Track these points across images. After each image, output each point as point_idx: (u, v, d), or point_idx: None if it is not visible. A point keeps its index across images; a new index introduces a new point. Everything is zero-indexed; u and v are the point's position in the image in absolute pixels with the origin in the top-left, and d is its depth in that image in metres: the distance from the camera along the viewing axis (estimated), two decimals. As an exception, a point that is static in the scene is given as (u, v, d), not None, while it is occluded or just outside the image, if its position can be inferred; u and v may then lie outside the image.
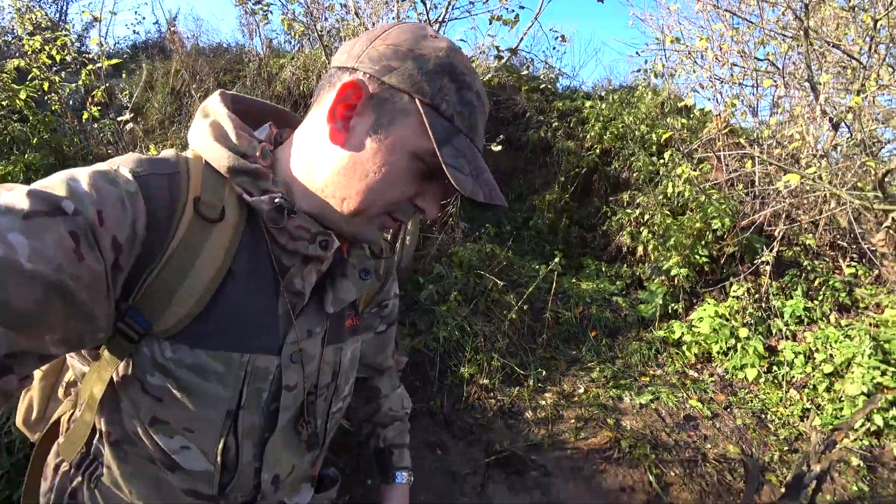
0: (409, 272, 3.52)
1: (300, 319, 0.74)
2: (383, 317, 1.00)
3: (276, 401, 0.75)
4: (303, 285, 0.72)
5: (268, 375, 0.72)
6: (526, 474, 2.52)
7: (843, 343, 3.65)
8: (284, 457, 0.82)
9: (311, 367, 0.79)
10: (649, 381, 3.31)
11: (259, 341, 0.69)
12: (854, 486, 2.96)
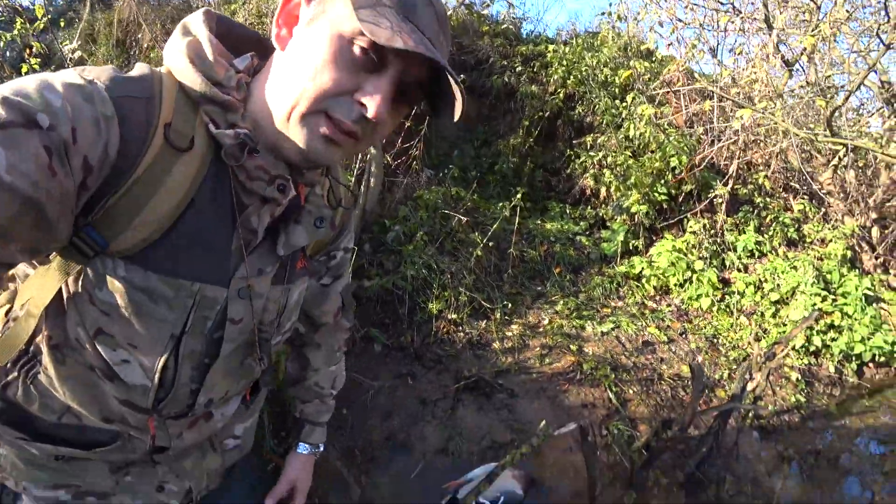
0: (374, 215, 3.54)
1: (252, 257, 0.76)
2: (330, 268, 1.00)
3: (221, 330, 0.77)
4: (258, 224, 0.73)
5: (215, 305, 0.74)
6: (493, 397, 2.66)
7: (790, 273, 3.90)
8: (222, 383, 0.86)
9: (258, 304, 0.81)
10: (611, 312, 3.48)
11: (211, 272, 0.71)
12: (792, 397, 3.22)
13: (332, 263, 0.99)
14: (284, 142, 0.67)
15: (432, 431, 2.46)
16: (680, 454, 2.60)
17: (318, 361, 1.16)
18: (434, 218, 3.54)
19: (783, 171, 4.87)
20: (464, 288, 3.14)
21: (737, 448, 2.68)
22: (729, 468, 2.59)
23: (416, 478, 2.26)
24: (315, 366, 1.16)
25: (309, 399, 1.19)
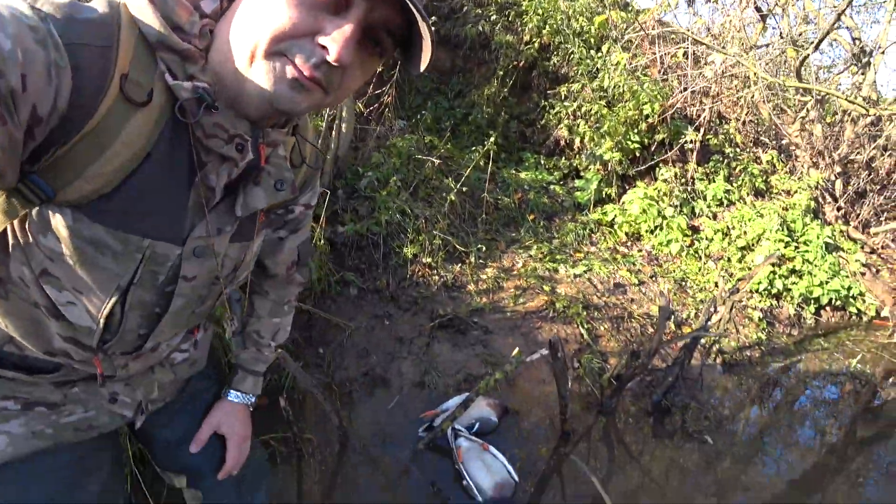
0: (347, 162, 3.49)
1: (210, 216, 0.74)
2: (287, 221, 0.98)
3: (173, 285, 0.78)
4: (216, 182, 0.72)
5: (166, 262, 0.73)
6: (468, 333, 2.71)
7: (756, 221, 4.02)
8: (172, 329, 0.88)
9: (214, 263, 0.81)
10: (583, 257, 3.54)
11: (163, 229, 0.70)
12: (754, 335, 3.37)
13: (289, 217, 0.97)
14: (247, 89, 0.64)
15: (409, 367, 2.51)
16: (648, 385, 2.71)
17: (262, 310, 1.15)
18: (407, 165, 3.51)
19: (753, 124, 4.97)
20: (438, 231, 3.15)
21: (701, 379, 2.80)
22: (693, 397, 2.71)
23: (394, 410, 2.31)
24: (259, 314, 1.16)
25: (246, 346, 1.17)
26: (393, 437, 2.15)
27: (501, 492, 1.92)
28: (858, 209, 5.05)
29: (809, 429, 2.80)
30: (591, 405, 2.51)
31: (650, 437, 2.41)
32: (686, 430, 2.48)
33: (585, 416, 2.45)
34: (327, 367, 2.45)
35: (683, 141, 3.93)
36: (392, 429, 2.20)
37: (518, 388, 2.54)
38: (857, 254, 4.38)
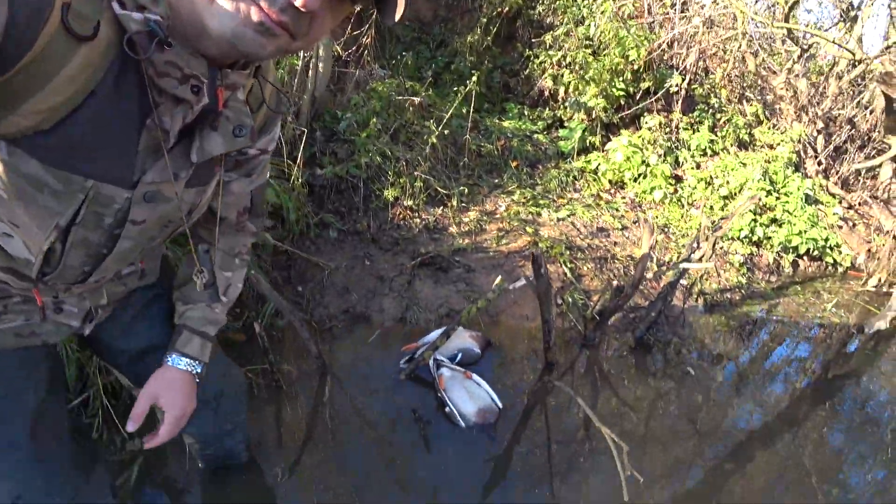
0: (325, 104, 3.35)
1: (162, 161, 0.71)
2: (240, 163, 0.91)
3: (120, 228, 0.75)
4: (170, 125, 0.68)
5: (112, 204, 0.71)
6: (450, 271, 2.65)
7: (739, 171, 4.00)
8: (117, 266, 0.87)
9: (166, 208, 0.78)
10: (567, 202, 3.49)
11: (108, 170, 0.67)
12: (735, 279, 3.38)
13: (241, 159, 0.90)
14: (208, 27, 0.60)
15: (390, 303, 2.44)
16: (631, 321, 2.69)
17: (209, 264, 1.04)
18: (388, 109, 3.39)
19: (739, 79, 4.91)
20: (420, 172, 3.05)
21: (683, 316, 2.80)
22: (676, 333, 2.70)
23: (375, 344, 2.25)
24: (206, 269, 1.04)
25: (192, 302, 1.05)
26: (373, 369, 2.10)
27: (484, 418, 1.88)
28: (838, 166, 5.07)
29: (788, 366, 2.82)
30: (575, 340, 2.48)
31: (634, 369, 2.40)
32: (669, 363, 2.47)
33: (569, 350, 2.42)
34: (306, 305, 2.37)
35: (668, 86, 3.86)
36: (373, 362, 2.14)
37: (501, 324, 2.50)
38: (834, 207, 4.41)
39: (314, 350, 1.91)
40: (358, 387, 1.99)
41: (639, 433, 1.98)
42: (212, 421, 1.31)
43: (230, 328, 2.16)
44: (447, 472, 1.69)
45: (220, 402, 1.29)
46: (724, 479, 1.82)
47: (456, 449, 1.79)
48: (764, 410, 2.26)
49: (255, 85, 0.82)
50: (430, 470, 1.69)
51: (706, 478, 1.83)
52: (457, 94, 3.39)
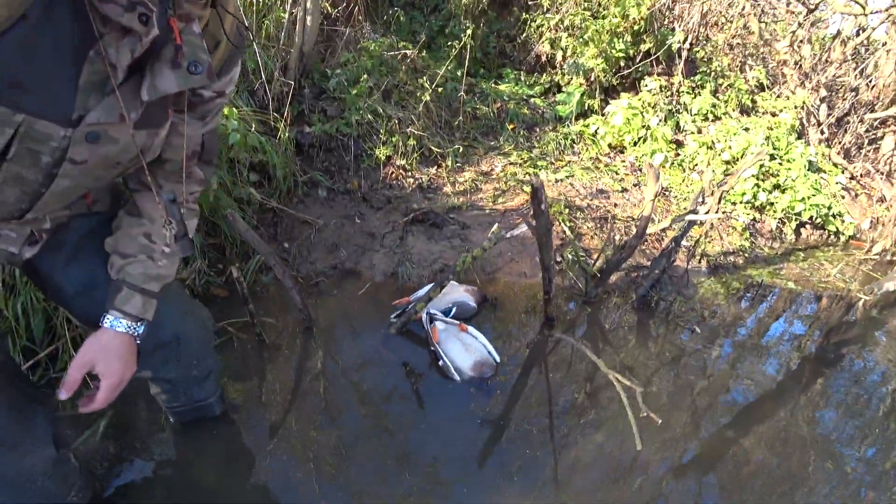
0: (315, 63, 3.18)
1: (110, 98, 0.66)
2: (191, 104, 0.83)
3: (59, 166, 0.70)
4: (117, 59, 0.63)
5: (48, 141, 0.66)
6: (445, 228, 2.51)
7: (741, 135, 3.86)
8: (57, 204, 0.81)
9: (113, 149, 0.73)
10: (565, 165, 3.34)
11: (42, 105, 0.62)
12: (738, 243, 3.25)
13: (197, 101, 0.83)
14: None
15: (381, 259, 2.30)
16: (633, 281, 2.56)
17: (149, 206, 0.94)
18: (379, 67, 3.22)
19: (741, 47, 4.75)
20: (414, 129, 2.90)
21: (687, 276, 2.67)
22: (679, 293, 2.58)
23: (364, 298, 2.11)
24: (150, 214, 0.95)
25: (132, 253, 0.94)
26: (362, 324, 1.96)
27: (481, 371, 1.75)
28: (841, 136, 4.93)
29: (792, 328, 2.70)
30: (575, 297, 2.35)
31: (636, 327, 2.27)
32: (672, 322, 2.35)
33: (570, 307, 2.30)
34: (293, 261, 2.23)
35: (671, 43, 3.69)
36: (361, 317, 2.00)
37: (498, 281, 2.36)
38: (837, 176, 4.29)
39: (297, 300, 1.77)
40: (345, 341, 1.85)
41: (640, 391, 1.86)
42: (173, 367, 1.18)
43: (212, 283, 2.02)
44: (440, 428, 1.56)
45: (180, 346, 1.16)
46: (724, 442, 1.70)
47: (450, 404, 1.66)
48: (766, 373, 2.14)
49: (213, 16, 0.74)
50: (422, 426, 1.56)
51: (705, 439, 1.71)
52: (450, 52, 3.22)
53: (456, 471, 1.42)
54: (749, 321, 2.58)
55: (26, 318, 1.55)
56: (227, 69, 0.83)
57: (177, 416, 1.38)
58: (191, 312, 1.21)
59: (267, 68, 2.72)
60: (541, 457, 1.50)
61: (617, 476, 1.47)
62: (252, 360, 1.71)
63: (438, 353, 1.78)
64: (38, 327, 1.59)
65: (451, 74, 3.55)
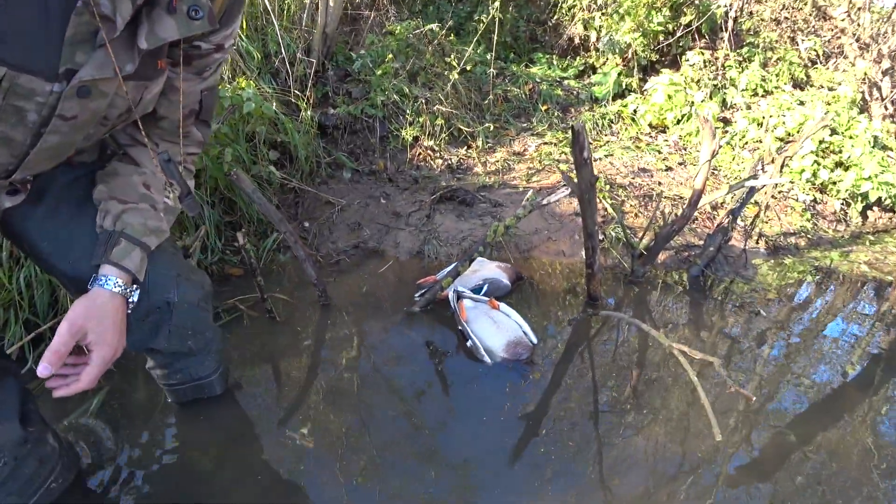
0: (339, 46, 3.04)
1: (100, 52, 0.62)
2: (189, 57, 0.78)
3: (47, 125, 0.66)
4: (112, 11, 0.59)
5: (33, 97, 0.62)
6: (475, 206, 2.29)
7: (796, 110, 3.49)
8: (46, 164, 0.75)
9: (103, 103, 0.68)
10: (603, 144, 3.08)
11: (25, 58, 0.58)
12: (798, 224, 2.90)
13: (195, 55, 0.78)
14: None
15: (406, 237, 2.11)
16: (684, 260, 2.28)
17: (144, 158, 0.87)
18: (405, 49, 3.05)
19: (790, 22, 4.36)
20: (442, 108, 2.71)
21: (745, 256, 2.36)
22: (737, 273, 2.28)
23: (387, 276, 1.92)
24: (142, 164, 0.87)
25: (133, 201, 0.84)
26: (383, 302, 1.76)
27: (515, 352, 1.52)
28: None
29: (861, 319, 2.35)
30: (621, 276, 2.09)
31: (690, 309, 1.99)
32: (732, 303, 2.05)
33: (615, 288, 2.03)
34: (313, 240, 2.06)
35: (712, 12, 3.38)
36: (383, 295, 1.80)
37: (534, 260, 2.12)
38: (905, 154, 3.83)
39: (311, 274, 1.59)
40: (364, 320, 1.66)
41: (720, 363, 1.58)
42: (165, 337, 1.02)
43: (227, 261, 1.87)
44: (468, 416, 1.34)
45: (173, 313, 0.99)
46: (782, 443, 1.41)
47: (479, 389, 1.43)
48: (832, 368, 1.82)
49: None
50: (448, 414, 1.34)
51: (763, 438, 1.42)
52: (477, 32, 3.02)
53: (486, 468, 1.19)
54: (815, 307, 2.24)
55: (30, 291, 1.43)
56: (227, 21, 0.77)
57: (174, 395, 1.22)
58: (185, 276, 1.04)
59: (289, 49, 2.59)
60: (584, 453, 1.26)
61: (668, 477, 1.21)
62: (261, 338, 1.53)
63: (466, 333, 1.56)
64: (42, 300, 1.47)
65: (480, 57, 3.36)
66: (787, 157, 2.20)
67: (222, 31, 0.77)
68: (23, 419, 0.90)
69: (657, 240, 1.95)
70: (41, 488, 0.94)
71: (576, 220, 2.27)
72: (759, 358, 1.74)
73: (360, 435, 1.25)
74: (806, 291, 2.31)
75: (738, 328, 1.89)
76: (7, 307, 1.42)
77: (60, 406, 1.24)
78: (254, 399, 1.32)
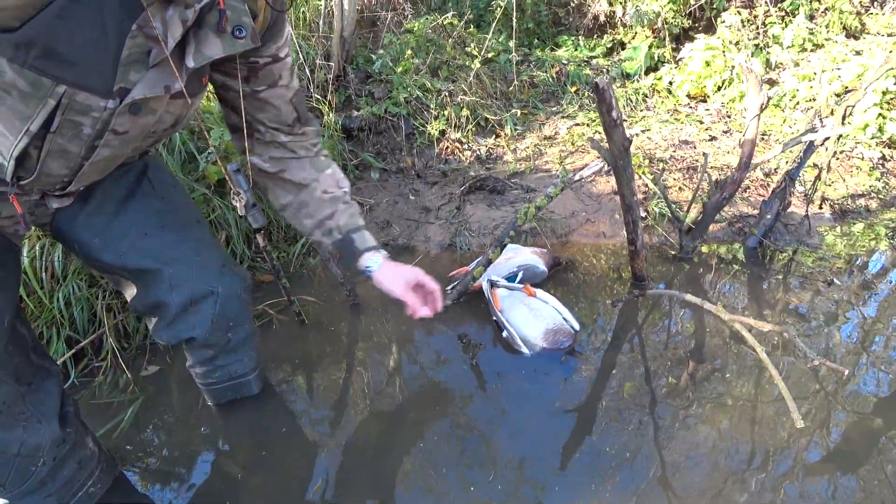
0: (359, 49, 2.99)
1: (152, 72, 0.66)
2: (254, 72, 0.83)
3: (101, 137, 0.70)
4: (164, 32, 0.62)
5: (89, 112, 0.65)
6: (507, 193, 2.17)
7: (853, 61, 3.15)
8: (98, 175, 0.82)
9: (150, 119, 0.73)
10: (639, 120, 2.87)
11: (84, 77, 0.61)
12: (866, 183, 2.59)
13: (257, 67, 0.83)
14: None
15: (436, 231, 2.01)
16: (738, 231, 2.06)
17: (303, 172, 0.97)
18: (426, 45, 2.96)
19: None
20: (467, 97, 2.60)
21: (808, 222, 2.11)
22: (801, 241, 2.04)
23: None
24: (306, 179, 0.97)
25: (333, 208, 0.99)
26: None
27: (555, 340, 1.39)
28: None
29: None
30: (669, 255, 1.91)
31: (749, 283, 1.78)
32: (798, 275, 1.83)
33: (663, 267, 1.85)
34: (342, 242, 2.00)
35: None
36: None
37: (572, 244, 1.97)
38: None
39: (338, 272, 1.52)
40: (395, 317, 1.56)
41: (795, 334, 1.40)
42: (207, 328, 1.03)
43: (257, 268, 1.83)
44: (515, 411, 1.22)
45: (217, 302, 1.02)
46: (864, 433, 1.20)
47: (521, 382, 1.31)
48: None
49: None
50: (491, 410, 1.23)
51: (840, 427, 1.21)
52: (496, 19, 2.89)
53: (542, 468, 1.09)
54: (893, 276, 1.96)
55: (69, 309, 1.43)
56: (271, 36, 0.81)
57: (212, 395, 1.21)
58: (229, 268, 1.05)
59: (308, 57, 2.56)
60: (643, 448, 1.12)
61: (737, 472, 1.05)
62: (291, 342, 1.47)
63: (501, 323, 1.44)
64: (82, 317, 1.47)
65: (502, 45, 3.22)
66: (849, 106, 1.95)
67: (272, 45, 0.82)
68: (61, 420, 0.92)
69: (706, 210, 1.76)
70: (80, 492, 0.97)
71: (614, 199, 2.10)
72: (833, 336, 1.53)
73: (400, 437, 1.15)
74: (882, 259, 2.04)
75: (806, 303, 1.67)
76: (50, 325, 1.43)
77: (96, 416, 1.22)
78: (286, 404, 1.26)
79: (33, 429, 0.86)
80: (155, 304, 0.98)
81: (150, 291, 0.97)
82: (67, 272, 1.45)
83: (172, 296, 0.96)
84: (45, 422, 0.89)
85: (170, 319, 1.00)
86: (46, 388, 0.91)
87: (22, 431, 0.84)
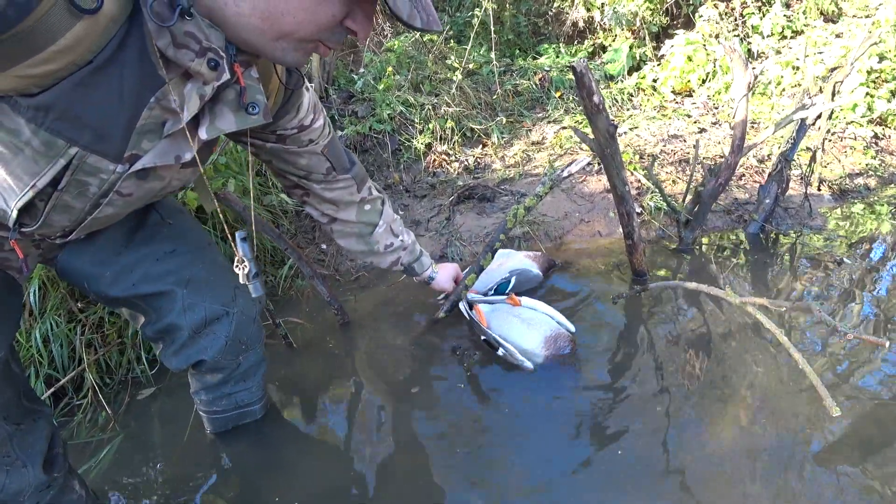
0: (339, 70, 2.97)
1: (164, 142, 0.67)
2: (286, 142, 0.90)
3: (106, 197, 0.70)
4: (180, 106, 0.63)
5: (98, 174, 0.66)
6: (496, 200, 2.10)
7: (834, 43, 3.11)
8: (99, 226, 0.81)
9: (158, 184, 0.74)
10: (626, 119, 2.81)
11: (98, 141, 0.62)
12: (862, 162, 2.52)
13: (287, 135, 0.88)
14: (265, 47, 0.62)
15: (427, 243, 1.93)
16: (737, 219, 1.98)
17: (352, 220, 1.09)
18: (406, 62, 2.93)
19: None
20: (451, 109, 2.55)
21: (809, 204, 2.03)
22: (803, 224, 1.95)
23: (410, 288, 1.73)
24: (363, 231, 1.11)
25: (395, 257, 1.19)
26: (406, 313, 1.58)
27: (556, 346, 1.30)
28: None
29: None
30: (668, 248, 1.82)
31: (754, 270, 1.69)
32: (804, 258, 1.74)
33: (663, 260, 1.77)
34: (331, 261, 1.92)
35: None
36: (406, 306, 1.62)
37: (568, 245, 1.89)
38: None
39: (323, 292, 1.44)
40: (387, 334, 1.48)
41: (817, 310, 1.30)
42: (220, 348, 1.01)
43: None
44: (514, 427, 1.12)
45: (232, 322, 1.00)
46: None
47: (525, 394, 1.22)
48: None
49: (265, 63, 0.75)
50: (492, 428, 1.14)
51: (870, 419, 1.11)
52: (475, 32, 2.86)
53: (559, 487, 0.98)
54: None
55: (47, 346, 1.36)
56: (286, 110, 0.84)
57: (213, 424, 1.15)
58: (242, 290, 1.02)
59: (290, 80, 2.52)
60: (662, 454, 1.02)
61: (763, 468, 0.94)
62: (280, 367, 1.38)
63: (494, 341, 1.34)
64: (62, 354, 1.40)
65: (483, 58, 3.20)
66: (837, 82, 1.88)
67: (292, 118, 0.86)
68: (47, 464, 0.88)
69: (702, 199, 1.68)
70: None
71: (607, 197, 2.03)
72: (848, 317, 1.43)
73: (401, 457, 1.06)
74: (889, 236, 1.95)
75: (815, 286, 1.58)
76: (28, 364, 1.36)
77: (74, 455, 1.12)
78: (277, 430, 1.16)
79: (17, 473, 0.83)
80: (167, 327, 0.95)
81: (163, 315, 0.94)
82: (46, 307, 1.38)
83: (186, 317, 0.95)
84: (30, 466, 0.85)
85: (181, 343, 0.97)
86: (36, 431, 0.87)
87: (5, 476, 0.82)
